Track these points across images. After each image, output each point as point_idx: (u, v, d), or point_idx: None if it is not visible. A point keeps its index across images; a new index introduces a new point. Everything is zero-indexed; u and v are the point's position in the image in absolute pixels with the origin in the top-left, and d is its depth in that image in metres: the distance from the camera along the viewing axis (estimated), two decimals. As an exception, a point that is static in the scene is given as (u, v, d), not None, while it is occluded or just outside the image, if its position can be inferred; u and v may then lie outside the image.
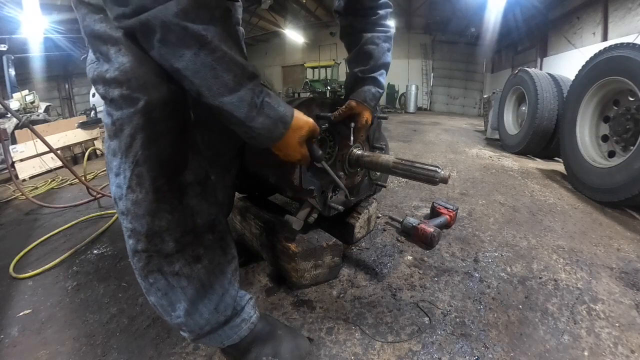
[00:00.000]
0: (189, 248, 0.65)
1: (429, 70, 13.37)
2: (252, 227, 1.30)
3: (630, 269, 1.24)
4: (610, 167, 1.94)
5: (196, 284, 0.67)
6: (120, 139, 0.59)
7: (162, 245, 0.63)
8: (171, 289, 0.66)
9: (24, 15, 6.42)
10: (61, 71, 13.19)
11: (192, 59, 0.52)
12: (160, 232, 0.62)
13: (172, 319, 0.69)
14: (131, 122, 0.57)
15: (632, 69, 1.89)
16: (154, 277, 0.65)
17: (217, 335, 0.73)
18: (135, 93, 0.56)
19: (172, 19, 0.49)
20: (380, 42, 1.05)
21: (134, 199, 0.60)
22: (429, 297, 1.06)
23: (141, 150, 0.58)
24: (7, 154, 2.85)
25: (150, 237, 0.62)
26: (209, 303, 0.69)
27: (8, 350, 0.89)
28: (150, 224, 0.61)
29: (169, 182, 0.61)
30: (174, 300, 0.67)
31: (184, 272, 0.66)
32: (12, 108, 4.08)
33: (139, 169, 0.59)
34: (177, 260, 0.65)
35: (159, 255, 0.63)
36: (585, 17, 7.51)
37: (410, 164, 0.95)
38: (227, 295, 0.72)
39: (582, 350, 0.85)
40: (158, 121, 0.58)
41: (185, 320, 0.68)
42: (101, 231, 1.61)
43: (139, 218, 0.61)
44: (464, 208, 1.81)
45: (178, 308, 0.67)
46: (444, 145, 4.02)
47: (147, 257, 0.63)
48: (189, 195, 0.64)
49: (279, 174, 1.03)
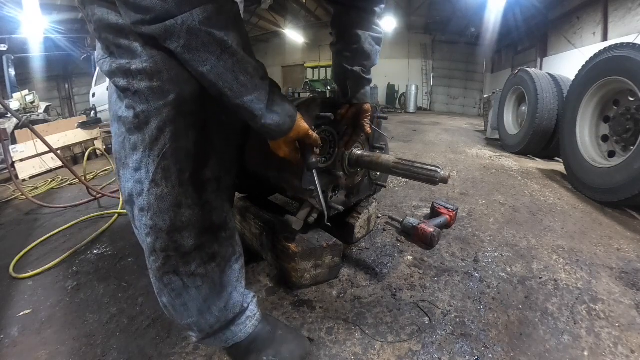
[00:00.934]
0: (206, 246, 0.66)
1: (429, 70, 13.37)
2: (252, 227, 1.30)
3: (630, 269, 1.24)
4: (610, 167, 1.94)
5: (210, 283, 0.68)
6: (145, 132, 0.58)
7: (181, 242, 0.63)
8: (186, 289, 0.66)
9: (24, 15, 6.41)
10: (61, 71, 13.17)
11: (215, 64, 0.54)
12: (182, 228, 0.62)
13: (183, 319, 0.69)
14: (160, 115, 0.57)
15: (632, 69, 1.89)
16: (169, 279, 0.65)
17: (224, 334, 0.74)
18: (167, 85, 0.56)
19: (198, 26, 0.50)
20: (374, 44, 1.07)
21: (159, 193, 0.60)
22: (429, 297, 1.06)
23: (169, 142, 0.58)
24: (7, 154, 2.85)
25: (171, 234, 0.62)
26: (220, 301, 0.70)
27: (8, 350, 0.89)
28: (173, 219, 0.61)
29: (193, 177, 0.62)
30: (187, 300, 0.67)
31: (199, 272, 0.66)
32: (12, 108, 4.08)
33: (165, 162, 0.58)
34: (194, 260, 0.65)
35: (177, 255, 0.64)
36: (585, 17, 7.50)
37: (410, 164, 0.95)
38: (236, 293, 0.74)
39: (582, 350, 0.85)
40: (188, 115, 0.59)
41: (197, 320, 0.69)
42: (101, 231, 1.61)
43: (162, 213, 0.60)
44: (464, 208, 1.81)
45: (191, 308, 0.68)
46: (444, 145, 4.02)
47: (164, 258, 0.63)
48: (208, 192, 0.65)
49: (279, 174, 1.03)
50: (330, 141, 1.05)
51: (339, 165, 1.11)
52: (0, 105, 2.15)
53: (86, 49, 9.08)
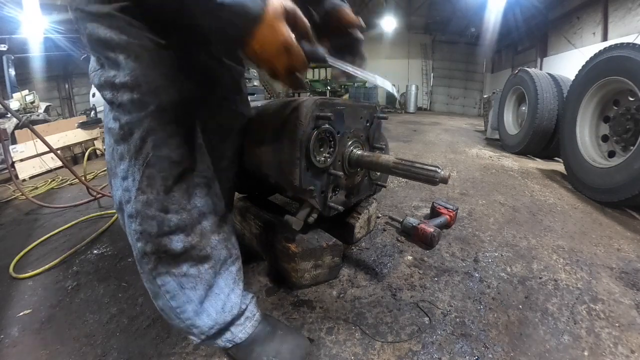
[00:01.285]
0: (196, 248, 0.67)
1: (429, 70, 13.39)
2: (252, 227, 1.30)
3: (630, 269, 1.24)
4: (610, 167, 1.94)
5: (204, 284, 0.69)
6: (130, 142, 0.61)
7: (170, 245, 0.64)
8: (180, 290, 0.67)
9: (24, 15, 6.42)
10: (61, 71, 13.19)
11: None
12: (170, 233, 0.64)
13: (180, 322, 0.69)
14: (142, 125, 0.59)
15: (632, 69, 1.89)
16: (163, 280, 0.66)
17: (224, 335, 0.74)
18: (146, 97, 0.58)
19: None
20: None
21: (145, 200, 0.62)
22: (429, 297, 1.06)
23: (152, 151, 0.60)
24: (7, 154, 2.86)
25: (160, 238, 0.63)
26: (216, 303, 0.71)
27: (8, 350, 0.89)
28: (160, 225, 0.62)
29: (178, 183, 0.63)
30: (182, 302, 0.67)
31: (191, 273, 0.67)
32: (12, 108, 4.08)
33: (149, 170, 0.61)
34: (185, 261, 0.66)
35: (168, 257, 0.65)
36: (585, 17, 7.51)
37: (410, 164, 0.95)
38: (234, 295, 0.73)
39: (582, 350, 0.85)
40: (168, 123, 0.61)
41: (194, 322, 0.69)
42: (101, 231, 1.61)
43: (149, 219, 0.62)
44: (464, 208, 1.81)
45: (187, 310, 0.68)
46: (444, 145, 4.02)
47: (156, 259, 0.64)
48: (197, 197, 0.66)
49: (279, 173, 1.03)
50: (330, 141, 1.05)
51: (338, 166, 1.11)
52: (0, 105, 2.15)
53: (86, 49, 9.08)
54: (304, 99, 1.00)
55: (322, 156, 1.02)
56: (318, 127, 0.97)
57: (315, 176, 1.01)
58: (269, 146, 1.05)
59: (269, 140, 1.05)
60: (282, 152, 0.97)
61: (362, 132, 1.17)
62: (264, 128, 1.08)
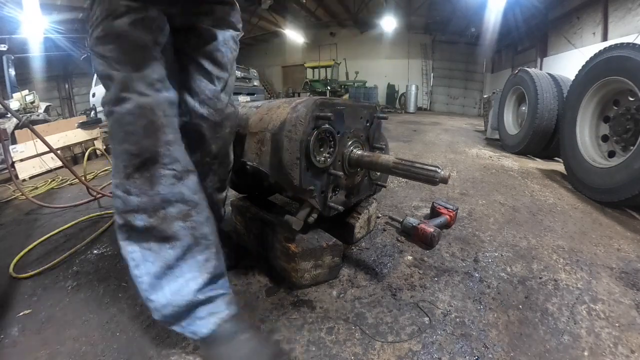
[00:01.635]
0: (156, 229, 0.77)
1: (429, 70, 13.39)
2: (252, 227, 1.30)
3: (630, 269, 1.24)
4: (610, 167, 1.94)
5: (161, 261, 0.77)
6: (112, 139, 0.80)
7: (134, 222, 0.77)
8: (142, 261, 0.77)
9: (24, 15, 6.41)
10: (61, 71, 13.18)
11: None
12: (133, 211, 0.77)
13: (141, 291, 0.78)
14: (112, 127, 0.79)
15: (632, 69, 1.89)
16: (132, 248, 0.78)
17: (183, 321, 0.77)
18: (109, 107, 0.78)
19: None
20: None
21: (115, 183, 0.79)
22: (429, 297, 1.06)
23: (117, 145, 0.78)
24: (7, 154, 2.85)
25: (125, 214, 0.77)
26: (174, 284, 0.76)
27: (8, 350, 0.89)
28: (125, 203, 0.77)
29: (139, 172, 0.76)
30: (142, 272, 0.77)
31: (153, 248, 0.77)
32: (12, 108, 4.08)
33: (115, 160, 0.79)
34: (149, 239, 0.77)
35: (134, 232, 0.78)
36: (585, 17, 7.51)
37: (410, 164, 0.95)
38: (194, 283, 0.77)
39: (582, 350, 0.85)
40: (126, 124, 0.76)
41: (149, 295, 0.77)
42: (101, 231, 1.61)
43: (117, 198, 0.78)
44: (464, 208, 1.81)
45: (144, 281, 0.77)
46: (444, 145, 4.02)
47: (126, 231, 0.78)
48: (161, 185, 0.77)
49: (279, 173, 1.03)
50: (330, 141, 1.05)
51: (338, 166, 1.11)
52: (0, 105, 2.15)
53: (86, 49, 9.08)
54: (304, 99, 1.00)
55: (322, 156, 1.02)
56: (318, 127, 0.97)
57: (315, 176, 1.01)
58: (269, 146, 1.05)
59: (269, 140, 1.05)
60: (282, 152, 0.97)
61: (362, 132, 1.17)
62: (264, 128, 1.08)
